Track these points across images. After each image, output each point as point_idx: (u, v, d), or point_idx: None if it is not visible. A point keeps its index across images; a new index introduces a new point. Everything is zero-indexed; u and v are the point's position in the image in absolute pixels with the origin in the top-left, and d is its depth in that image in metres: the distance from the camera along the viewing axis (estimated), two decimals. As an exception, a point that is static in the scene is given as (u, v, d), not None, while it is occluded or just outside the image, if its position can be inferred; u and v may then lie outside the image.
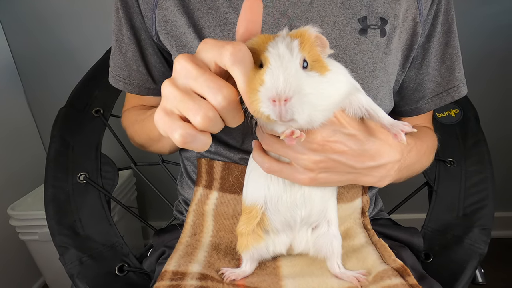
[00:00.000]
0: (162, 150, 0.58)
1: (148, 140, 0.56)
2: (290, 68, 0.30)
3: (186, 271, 0.44)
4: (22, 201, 1.13)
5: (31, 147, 1.34)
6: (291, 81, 0.30)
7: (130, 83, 0.57)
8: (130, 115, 0.62)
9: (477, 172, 0.72)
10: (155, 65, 0.57)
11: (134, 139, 0.61)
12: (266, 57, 0.32)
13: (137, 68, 0.56)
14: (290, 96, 0.30)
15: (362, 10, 0.48)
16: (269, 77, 0.30)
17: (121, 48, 0.55)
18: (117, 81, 0.58)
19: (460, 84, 0.55)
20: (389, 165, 0.41)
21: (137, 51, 0.55)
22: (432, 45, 0.53)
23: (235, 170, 0.52)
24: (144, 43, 0.55)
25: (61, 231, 0.62)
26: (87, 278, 0.58)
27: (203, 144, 0.33)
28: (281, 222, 0.43)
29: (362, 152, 0.38)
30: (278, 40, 0.32)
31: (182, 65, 0.32)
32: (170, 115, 0.33)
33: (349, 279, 0.43)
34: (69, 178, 0.68)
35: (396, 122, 0.37)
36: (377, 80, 0.50)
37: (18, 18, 1.19)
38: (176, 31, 0.50)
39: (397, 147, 0.42)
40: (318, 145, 0.37)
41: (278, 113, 0.30)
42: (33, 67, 1.27)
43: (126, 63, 0.56)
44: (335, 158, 0.38)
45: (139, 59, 0.55)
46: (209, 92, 0.31)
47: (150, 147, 0.59)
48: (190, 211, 0.54)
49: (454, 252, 0.62)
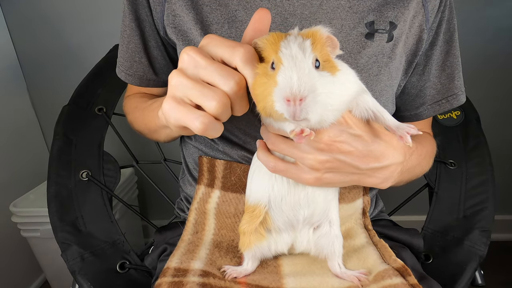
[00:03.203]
0: (158, 139, 0.59)
1: (145, 129, 0.57)
2: (304, 68, 0.31)
3: (188, 268, 0.44)
4: (25, 198, 1.13)
5: (34, 144, 1.34)
6: (305, 81, 0.30)
7: (132, 75, 0.58)
8: (131, 101, 0.62)
9: (478, 174, 0.72)
10: (156, 57, 0.58)
11: (134, 125, 0.62)
12: (279, 57, 0.32)
13: (139, 60, 0.57)
14: (304, 96, 0.30)
15: (370, 14, 0.48)
16: (283, 77, 0.31)
17: (124, 39, 0.56)
18: (120, 71, 0.59)
19: (459, 92, 0.57)
20: (393, 166, 0.41)
21: (140, 42, 0.56)
22: (435, 52, 0.54)
23: (237, 169, 0.52)
24: (148, 35, 0.56)
25: (64, 228, 0.63)
26: (88, 275, 0.58)
27: (218, 131, 0.35)
28: (284, 222, 0.43)
29: (367, 153, 0.39)
30: (290, 40, 0.32)
31: (190, 56, 0.34)
32: (183, 104, 0.34)
33: (350, 278, 0.44)
34: (72, 176, 0.69)
35: (401, 125, 0.37)
36: (381, 84, 0.50)
37: (22, 17, 1.20)
38: (183, 26, 0.50)
39: (401, 149, 0.42)
40: (325, 145, 0.37)
41: (292, 112, 0.31)
42: (36, 65, 1.27)
43: (128, 54, 0.57)
44: (341, 158, 0.38)
45: (142, 50, 0.56)
46: (221, 78, 0.33)
47: (147, 135, 0.60)
48: (192, 209, 0.55)
49: (454, 254, 0.62)
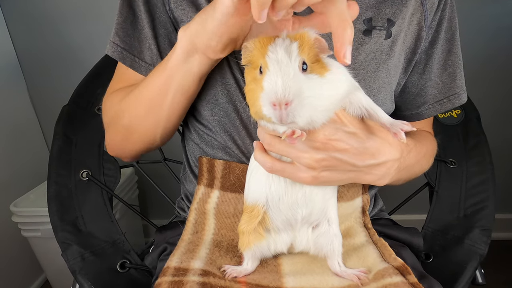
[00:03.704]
0: (162, 106, 0.49)
1: (148, 104, 0.49)
2: (289, 73, 0.32)
3: (188, 267, 0.44)
4: (25, 197, 1.14)
5: (34, 144, 1.34)
6: (289, 85, 0.31)
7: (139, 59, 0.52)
8: (119, 94, 0.54)
9: (478, 173, 0.72)
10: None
11: (124, 115, 0.52)
12: (265, 62, 0.33)
13: (148, 46, 0.52)
14: (290, 100, 0.31)
15: (368, 11, 0.48)
16: (268, 82, 0.32)
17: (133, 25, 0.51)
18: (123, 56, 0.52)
19: (461, 92, 0.56)
20: (389, 163, 0.42)
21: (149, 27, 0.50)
22: (435, 51, 0.54)
23: (236, 169, 0.52)
24: (158, 22, 0.51)
25: (64, 227, 0.63)
26: (89, 274, 0.58)
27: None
28: (282, 221, 0.43)
29: (363, 150, 0.39)
30: (278, 43, 0.33)
31: None
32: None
33: (350, 277, 0.44)
34: (72, 175, 0.69)
35: (395, 121, 0.38)
36: (379, 81, 0.50)
37: (22, 16, 1.20)
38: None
39: (397, 146, 0.42)
40: (320, 143, 0.37)
41: (279, 117, 0.32)
42: (36, 65, 1.28)
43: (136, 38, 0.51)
44: (337, 156, 0.38)
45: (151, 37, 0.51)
46: None
47: (145, 120, 0.51)
48: (192, 210, 0.55)
49: (454, 253, 0.62)
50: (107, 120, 0.56)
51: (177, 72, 0.45)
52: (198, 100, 0.53)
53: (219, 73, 0.50)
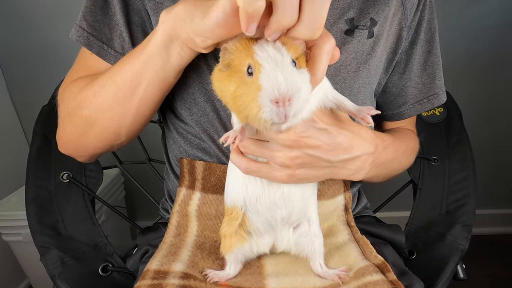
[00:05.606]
0: (126, 111, 0.45)
1: (115, 94, 0.44)
2: (287, 68, 0.31)
3: (169, 270, 0.44)
4: (6, 201, 1.10)
5: (15, 145, 1.31)
6: (291, 79, 0.30)
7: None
8: (80, 83, 0.49)
9: (460, 169, 0.73)
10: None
11: (85, 105, 0.47)
12: (256, 61, 0.31)
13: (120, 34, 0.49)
14: (291, 95, 0.30)
15: (350, 11, 0.48)
16: (267, 79, 0.30)
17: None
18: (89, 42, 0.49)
19: (440, 92, 0.57)
20: (363, 157, 0.42)
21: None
22: (415, 52, 0.55)
23: (217, 170, 0.51)
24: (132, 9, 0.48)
25: (43, 231, 0.61)
26: (69, 279, 0.57)
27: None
28: (262, 223, 0.43)
29: (335, 145, 0.39)
30: (263, 43, 0.32)
31: None
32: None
33: (331, 277, 0.44)
34: (52, 177, 0.67)
35: (361, 108, 0.39)
36: (359, 80, 0.50)
37: (2, 14, 1.16)
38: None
39: (371, 140, 0.43)
40: (292, 141, 0.37)
41: (282, 114, 0.30)
42: (17, 64, 1.24)
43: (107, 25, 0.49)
44: (310, 153, 0.39)
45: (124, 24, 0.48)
46: None
47: (110, 111, 0.46)
48: (174, 212, 0.54)
49: (436, 249, 0.63)
50: (64, 111, 0.50)
51: (155, 58, 0.41)
52: (176, 99, 0.52)
53: (196, 71, 0.49)
